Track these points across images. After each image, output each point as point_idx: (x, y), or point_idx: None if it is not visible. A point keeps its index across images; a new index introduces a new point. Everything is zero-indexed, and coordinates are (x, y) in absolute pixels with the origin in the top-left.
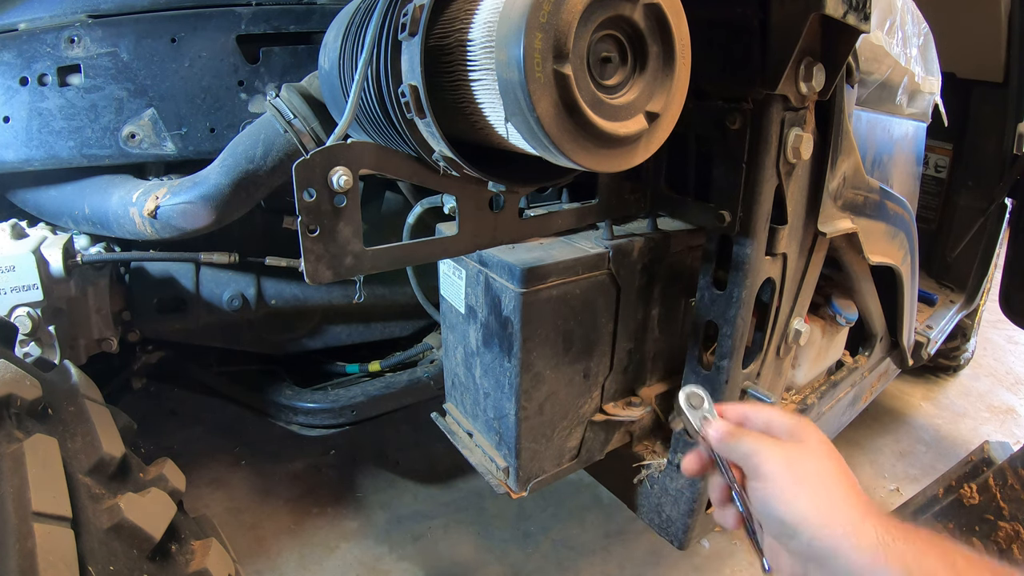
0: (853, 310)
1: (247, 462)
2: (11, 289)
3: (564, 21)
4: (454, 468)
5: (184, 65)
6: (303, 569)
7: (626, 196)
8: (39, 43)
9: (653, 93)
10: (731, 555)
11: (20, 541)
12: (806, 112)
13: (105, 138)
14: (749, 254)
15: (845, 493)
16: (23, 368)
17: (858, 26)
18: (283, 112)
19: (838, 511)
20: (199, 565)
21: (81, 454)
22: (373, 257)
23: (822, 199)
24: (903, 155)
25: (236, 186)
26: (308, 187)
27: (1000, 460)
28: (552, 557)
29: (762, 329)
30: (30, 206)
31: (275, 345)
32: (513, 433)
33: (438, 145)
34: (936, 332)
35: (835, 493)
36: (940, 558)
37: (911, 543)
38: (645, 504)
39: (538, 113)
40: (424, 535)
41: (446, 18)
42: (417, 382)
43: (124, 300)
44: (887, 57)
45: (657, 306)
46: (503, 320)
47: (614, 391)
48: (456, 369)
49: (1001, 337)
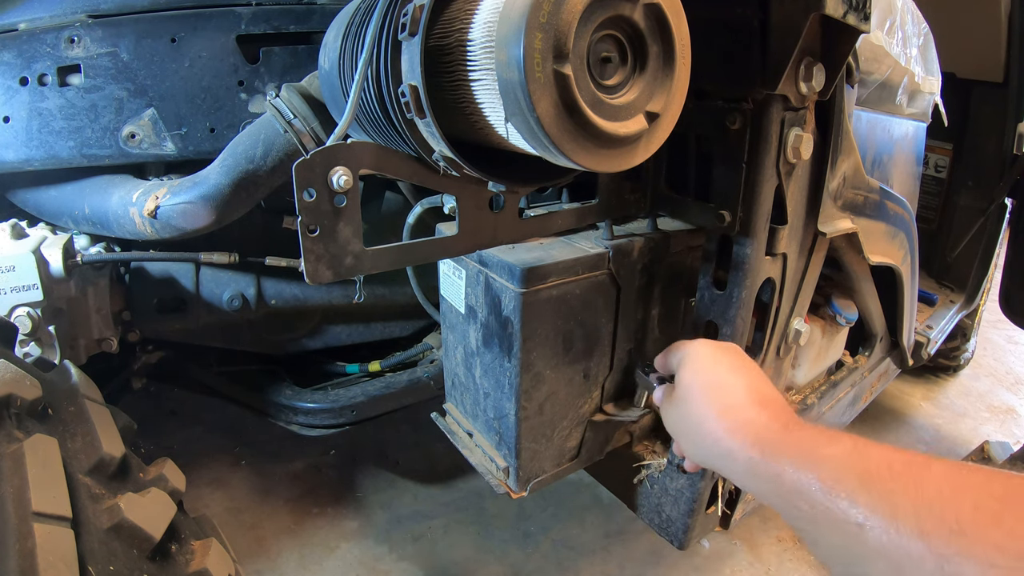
0: (853, 310)
1: (247, 462)
2: (11, 289)
3: (564, 21)
4: (454, 468)
5: (184, 65)
6: (303, 569)
7: (626, 196)
8: (39, 43)
9: (653, 93)
10: (731, 555)
11: (20, 541)
12: (806, 112)
13: (105, 138)
14: (749, 254)
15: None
16: (23, 368)
17: (858, 26)
18: (283, 112)
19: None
20: (199, 565)
21: (81, 454)
22: (373, 257)
23: (822, 199)
24: (903, 155)
25: (236, 186)
26: (308, 187)
27: (1000, 460)
28: (552, 557)
29: (762, 329)
30: (30, 206)
31: (275, 345)
32: (513, 433)
33: (438, 145)
34: (936, 332)
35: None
36: (804, 471)
37: (773, 460)
38: (645, 504)
39: (538, 113)
40: (424, 535)
41: (446, 18)
42: (417, 382)
43: (124, 300)
44: (887, 57)
45: (657, 306)
46: (503, 320)
47: (614, 391)
48: (456, 369)
49: (1001, 337)
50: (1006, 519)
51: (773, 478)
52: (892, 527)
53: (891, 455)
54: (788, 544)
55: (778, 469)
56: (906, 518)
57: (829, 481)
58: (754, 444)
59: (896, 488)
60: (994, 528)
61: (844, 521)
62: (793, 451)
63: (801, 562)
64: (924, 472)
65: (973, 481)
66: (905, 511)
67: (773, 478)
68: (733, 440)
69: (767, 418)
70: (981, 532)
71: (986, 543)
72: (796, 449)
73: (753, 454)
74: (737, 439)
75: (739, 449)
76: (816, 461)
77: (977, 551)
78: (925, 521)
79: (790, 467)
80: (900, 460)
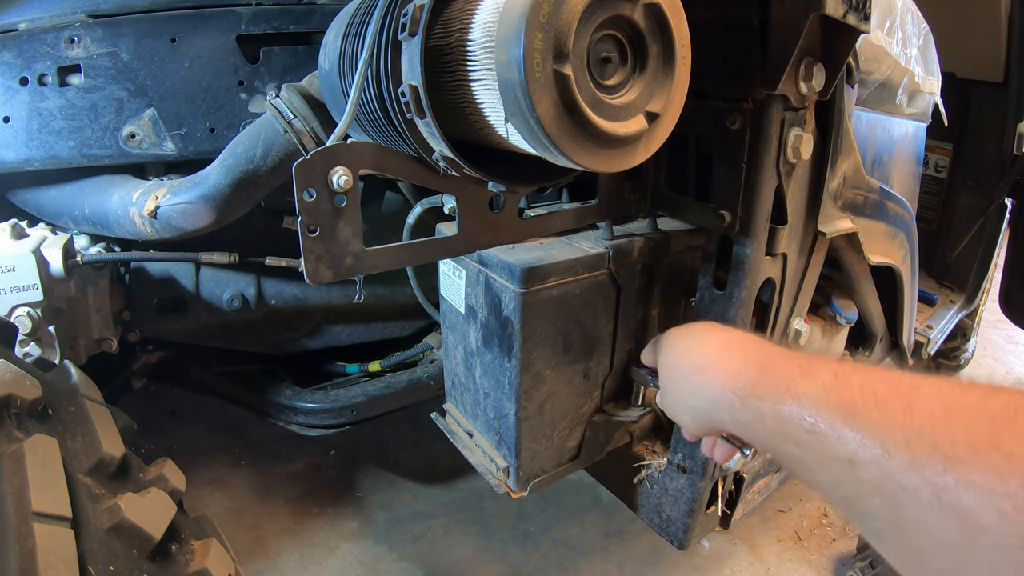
0: (853, 310)
1: (247, 462)
2: (11, 289)
3: (564, 21)
4: (454, 468)
5: (184, 65)
6: (303, 569)
7: (626, 196)
8: (39, 43)
9: (653, 93)
10: (731, 555)
11: (20, 541)
12: (806, 112)
13: (105, 138)
14: (749, 254)
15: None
16: (23, 368)
17: (858, 26)
18: (283, 112)
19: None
20: (199, 565)
21: (81, 454)
22: (373, 257)
23: (822, 199)
24: (903, 155)
25: (236, 186)
26: (308, 187)
27: None
28: (552, 557)
29: (762, 329)
30: (30, 206)
31: (275, 345)
32: (513, 433)
33: (438, 145)
34: (936, 332)
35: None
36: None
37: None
38: (645, 504)
39: (538, 113)
40: (424, 535)
41: (446, 18)
42: (417, 382)
43: (124, 300)
44: (887, 57)
45: (657, 306)
46: (503, 320)
47: (614, 391)
48: (456, 369)
49: (1001, 337)
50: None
51: (756, 421)
52: (883, 459)
53: (875, 381)
54: (788, 544)
55: (758, 411)
56: (896, 448)
57: (812, 418)
58: (732, 389)
59: (883, 418)
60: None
61: (833, 459)
62: (769, 392)
63: (801, 562)
64: (913, 395)
65: (966, 401)
66: (895, 441)
67: (756, 421)
68: (713, 390)
69: (739, 361)
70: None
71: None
72: (772, 389)
73: (733, 400)
74: (716, 388)
75: (720, 397)
76: (796, 398)
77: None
78: (917, 449)
79: (770, 408)
80: (885, 385)
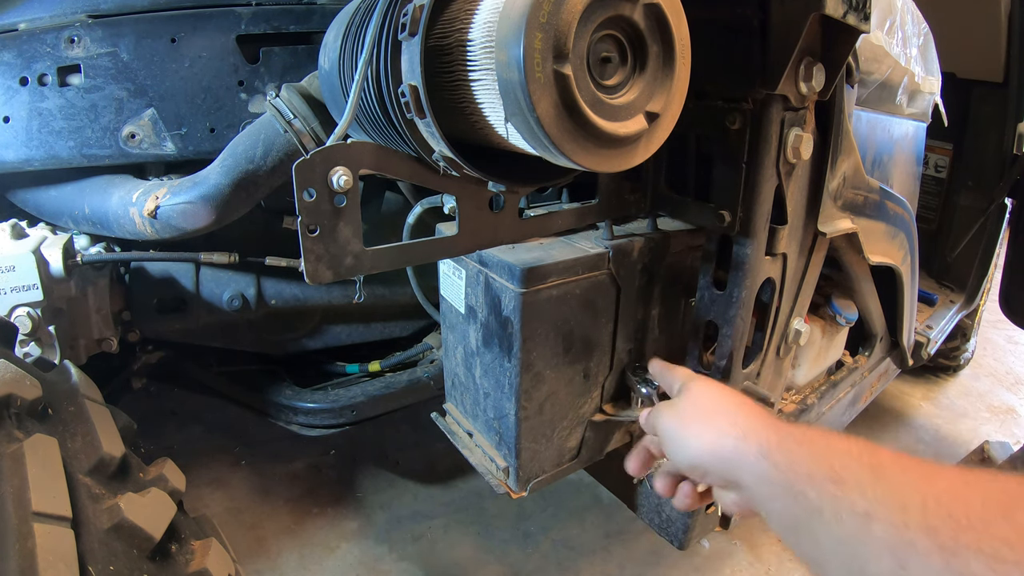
0: (853, 310)
1: (247, 462)
2: (11, 289)
3: (564, 21)
4: (454, 468)
5: (184, 65)
6: (303, 569)
7: (626, 196)
8: (39, 43)
9: (653, 93)
10: (731, 555)
11: (20, 541)
12: (806, 112)
13: (105, 138)
14: (749, 254)
15: (727, 421)
16: (23, 368)
17: (858, 26)
18: (283, 112)
19: (724, 439)
20: (199, 565)
21: (81, 454)
22: (373, 257)
23: (822, 199)
24: (903, 155)
25: (236, 186)
26: (308, 187)
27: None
28: (552, 557)
29: (762, 329)
30: (30, 206)
31: (275, 345)
32: (513, 433)
33: (438, 145)
34: (936, 332)
35: (717, 424)
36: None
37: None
38: (645, 504)
39: (538, 113)
40: (424, 535)
41: (446, 18)
42: (417, 382)
43: (124, 300)
44: (887, 57)
45: (657, 306)
46: (503, 320)
47: (614, 391)
48: (456, 369)
49: (1001, 337)
50: (1016, 514)
51: (785, 466)
52: (899, 519)
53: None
54: None
55: (791, 457)
56: (914, 511)
57: (840, 469)
58: (765, 441)
59: (906, 481)
60: (1002, 523)
61: (851, 512)
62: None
63: (801, 562)
64: (935, 470)
65: (983, 479)
66: (914, 503)
67: (785, 466)
68: (738, 433)
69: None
70: (989, 527)
71: (994, 538)
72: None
73: (767, 445)
74: (743, 437)
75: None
76: (828, 451)
77: (985, 545)
78: (933, 515)
79: (803, 455)
80: (911, 459)
